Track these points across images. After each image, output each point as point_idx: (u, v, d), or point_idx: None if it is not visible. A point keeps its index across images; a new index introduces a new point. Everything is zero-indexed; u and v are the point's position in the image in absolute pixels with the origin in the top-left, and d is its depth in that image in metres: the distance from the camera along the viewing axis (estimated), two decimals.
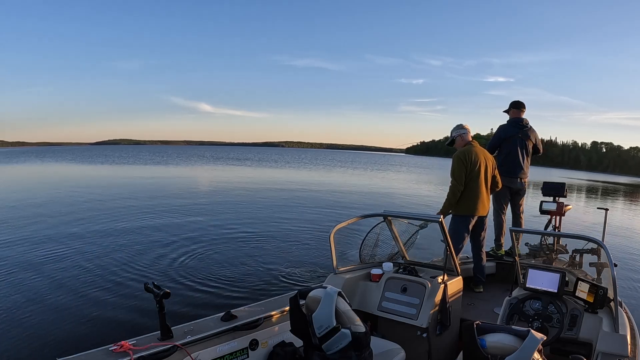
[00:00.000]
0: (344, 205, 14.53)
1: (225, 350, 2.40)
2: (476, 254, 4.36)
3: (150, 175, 27.51)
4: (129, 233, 8.87)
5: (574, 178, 56.75)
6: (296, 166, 45.10)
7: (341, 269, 3.26)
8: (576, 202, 21.04)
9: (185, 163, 44.53)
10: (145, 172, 30.63)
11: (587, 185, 41.20)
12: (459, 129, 4.31)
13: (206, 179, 25.39)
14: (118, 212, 11.53)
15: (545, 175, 44.61)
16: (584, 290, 2.87)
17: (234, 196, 16.37)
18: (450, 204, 4.12)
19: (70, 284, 5.74)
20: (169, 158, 56.43)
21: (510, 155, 4.75)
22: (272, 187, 20.98)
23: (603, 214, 4.45)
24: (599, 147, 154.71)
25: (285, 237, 9.02)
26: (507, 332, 1.72)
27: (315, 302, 2.16)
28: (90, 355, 2.03)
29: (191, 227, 9.75)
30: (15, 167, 36.19)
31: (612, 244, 9.52)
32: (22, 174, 28.00)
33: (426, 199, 16.93)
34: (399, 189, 22.64)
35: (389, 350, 2.63)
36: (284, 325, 2.66)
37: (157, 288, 2.16)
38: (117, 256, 7.10)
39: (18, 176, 26.36)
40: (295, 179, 27.53)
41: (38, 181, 22.58)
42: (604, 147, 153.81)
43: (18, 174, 27.88)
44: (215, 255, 7.39)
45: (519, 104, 4.86)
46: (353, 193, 19.15)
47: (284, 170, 36.45)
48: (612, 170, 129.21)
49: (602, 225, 4.44)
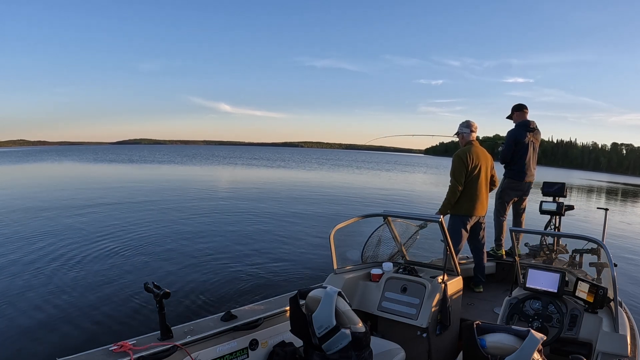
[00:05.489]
0: (345, 205, 14.53)
1: (225, 350, 2.41)
2: (476, 254, 4.35)
3: (158, 174, 27.54)
4: (129, 233, 8.87)
5: (594, 180, 56.45)
6: (310, 167, 44.71)
7: (341, 269, 3.26)
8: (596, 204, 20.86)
9: (200, 163, 44.32)
10: (156, 171, 30.69)
11: (607, 187, 40.77)
12: (464, 127, 4.30)
13: (215, 180, 25.25)
14: (118, 212, 11.53)
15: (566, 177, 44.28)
16: (584, 290, 2.87)
17: (238, 196, 16.39)
18: (450, 203, 4.11)
19: (70, 283, 5.73)
20: (186, 158, 56.37)
21: (522, 159, 4.67)
22: (277, 187, 20.98)
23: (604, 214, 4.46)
24: (619, 148, 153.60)
25: (286, 237, 9.02)
26: (507, 332, 1.72)
27: (315, 302, 2.16)
28: (90, 355, 2.03)
29: (191, 226, 9.75)
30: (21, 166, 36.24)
31: (612, 244, 9.53)
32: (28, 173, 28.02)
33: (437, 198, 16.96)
34: (411, 189, 22.62)
35: (389, 350, 2.63)
36: (284, 325, 2.66)
37: (157, 288, 2.16)
38: (117, 256, 7.10)
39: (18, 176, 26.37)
40: (303, 179, 27.52)
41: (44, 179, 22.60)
42: (624, 148, 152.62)
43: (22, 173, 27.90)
44: (215, 255, 7.39)
45: (522, 106, 4.82)
46: (359, 193, 19.15)
47: (295, 171, 36.26)
48: (633, 172, 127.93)
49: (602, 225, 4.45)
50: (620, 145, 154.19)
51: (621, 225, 14.15)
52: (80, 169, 33.51)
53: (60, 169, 32.78)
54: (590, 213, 15.62)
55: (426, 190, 22.75)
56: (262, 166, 42.42)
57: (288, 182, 24.14)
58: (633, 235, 12.18)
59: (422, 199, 17.68)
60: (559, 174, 55.66)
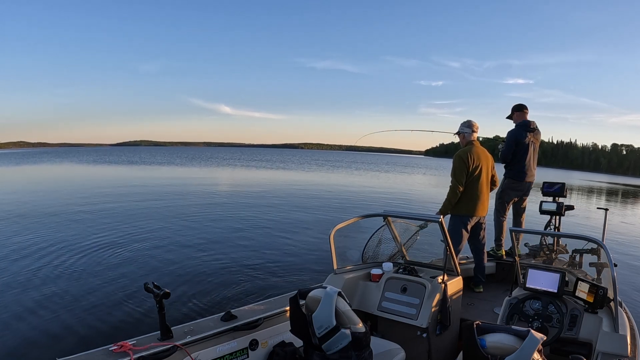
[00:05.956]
0: (345, 206, 14.53)
1: (225, 350, 2.41)
2: (476, 254, 4.35)
3: (158, 176, 27.53)
4: (128, 233, 8.87)
5: (594, 180, 56.35)
6: (309, 168, 44.63)
7: (341, 269, 3.26)
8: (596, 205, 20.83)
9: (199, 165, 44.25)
10: (155, 173, 30.67)
11: (608, 188, 40.69)
12: (465, 127, 4.29)
13: (214, 181, 25.26)
14: (118, 212, 11.54)
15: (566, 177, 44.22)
16: (584, 290, 2.87)
17: (237, 197, 16.39)
18: (451, 203, 4.11)
19: (70, 284, 5.73)
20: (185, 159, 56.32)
21: (523, 159, 4.66)
22: (276, 187, 20.98)
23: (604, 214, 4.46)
24: (620, 149, 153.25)
25: (286, 237, 9.02)
26: (507, 332, 1.72)
27: (315, 302, 2.16)
28: (90, 355, 2.03)
29: (191, 227, 9.76)
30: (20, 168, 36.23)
31: (612, 244, 9.53)
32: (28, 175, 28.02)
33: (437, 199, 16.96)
34: (408, 190, 22.62)
35: (389, 350, 2.62)
36: (284, 325, 2.66)
37: (157, 288, 2.16)
38: (117, 256, 7.10)
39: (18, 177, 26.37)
40: (302, 179, 27.51)
41: (44, 181, 22.59)
42: (624, 149, 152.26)
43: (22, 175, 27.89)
44: (215, 255, 7.39)
45: (522, 106, 4.82)
46: (358, 193, 19.16)
47: (294, 172, 36.26)
48: (633, 172, 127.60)
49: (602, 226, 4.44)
50: (620, 146, 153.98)
51: (621, 225, 14.15)
52: (80, 170, 33.51)
53: (59, 171, 32.78)
54: (590, 213, 15.62)
55: (426, 191, 22.76)
56: (261, 167, 42.43)
57: (288, 183, 24.15)
58: (633, 235, 12.18)
59: (422, 199, 17.68)
60: (559, 174, 55.64)
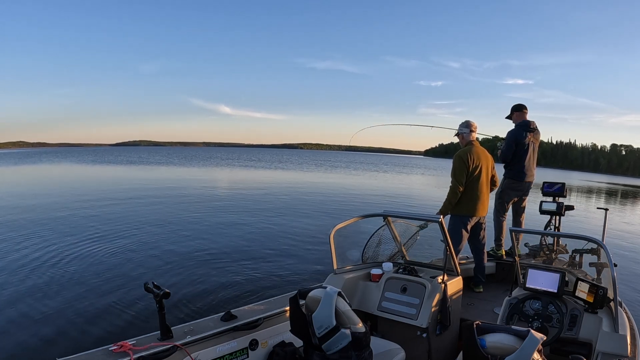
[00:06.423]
0: (345, 206, 14.53)
1: (225, 350, 2.40)
2: (476, 254, 4.35)
3: (157, 176, 27.52)
4: (128, 233, 8.87)
5: (594, 181, 56.30)
6: (308, 168, 44.55)
7: (341, 269, 3.26)
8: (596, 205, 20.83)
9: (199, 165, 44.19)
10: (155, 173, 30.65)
11: (607, 188, 40.64)
12: (464, 127, 4.29)
13: (214, 181, 25.25)
14: (117, 213, 11.53)
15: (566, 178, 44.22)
16: (584, 290, 2.87)
17: (237, 197, 16.38)
18: (451, 204, 4.11)
19: (69, 284, 5.73)
20: (185, 159, 56.27)
21: (522, 159, 4.66)
22: (276, 187, 20.98)
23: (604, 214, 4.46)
24: (619, 149, 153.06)
25: (286, 237, 9.02)
26: (507, 332, 1.72)
27: (315, 302, 2.16)
28: (90, 355, 2.03)
29: (190, 227, 9.75)
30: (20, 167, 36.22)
31: (612, 244, 9.52)
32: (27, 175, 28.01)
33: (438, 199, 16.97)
34: (408, 190, 22.62)
35: (389, 350, 2.62)
36: (284, 325, 2.66)
37: (157, 288, 2.16)
38: (117, 256, 7.10)
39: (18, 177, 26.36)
40: (302, 180, 27.50)
41: (42, 180, 22.59)
42: (623, 149, 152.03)
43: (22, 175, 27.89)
44: (215, 255, 7.39)
45: (522, 106, 4.81)
46: (357, 193, 19.15)
47: (294, 172, 36.26)
48: (633, 173, 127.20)
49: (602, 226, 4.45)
50: (619, 147, 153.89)
51: (621, 225, 14.16)
52: (79, 170, 33.49)
53: (59, 171, 32.76)
54: (590, 213, 15.63)
55: (426, 191, 22.76)
56: (260, 167, 42.40)
57: (287, 183, 24.15)
58: (633, 235, 12.18)
59: (422, 199, 17.68)
60: (559, 174, 55.65)
